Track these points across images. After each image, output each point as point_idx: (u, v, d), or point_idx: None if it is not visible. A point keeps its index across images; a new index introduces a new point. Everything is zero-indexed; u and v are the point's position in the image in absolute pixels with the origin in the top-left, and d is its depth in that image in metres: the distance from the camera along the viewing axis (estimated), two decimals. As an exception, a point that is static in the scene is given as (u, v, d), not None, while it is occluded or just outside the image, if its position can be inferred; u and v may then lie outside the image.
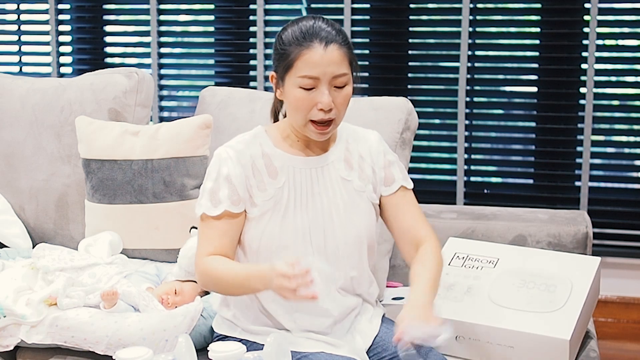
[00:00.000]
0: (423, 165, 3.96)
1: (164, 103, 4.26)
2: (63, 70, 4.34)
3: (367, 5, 3.96)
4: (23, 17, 4.36)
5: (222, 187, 1.86)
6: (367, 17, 3.99)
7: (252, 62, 4.09)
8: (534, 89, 3.84)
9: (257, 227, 1.87)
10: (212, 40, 4.25)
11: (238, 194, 1.86)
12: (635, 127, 3.74)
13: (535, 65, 3.81)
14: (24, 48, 4.40)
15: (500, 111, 3.94)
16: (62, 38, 4.31)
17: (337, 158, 1.94)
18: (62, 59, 4.33)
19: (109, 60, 4.28)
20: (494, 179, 3.95)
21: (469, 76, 3.80)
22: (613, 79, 3.77)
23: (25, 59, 4.40)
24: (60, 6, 4.27)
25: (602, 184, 3.82)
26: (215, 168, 1.89)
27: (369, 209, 1.93)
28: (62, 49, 4.32)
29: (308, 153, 1.92)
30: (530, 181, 3.87)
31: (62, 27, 4.32)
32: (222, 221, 1.86)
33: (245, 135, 1.94)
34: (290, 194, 1.88)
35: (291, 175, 1.89)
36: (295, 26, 1.85)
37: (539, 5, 3.77)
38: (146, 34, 4.20)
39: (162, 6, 4.16)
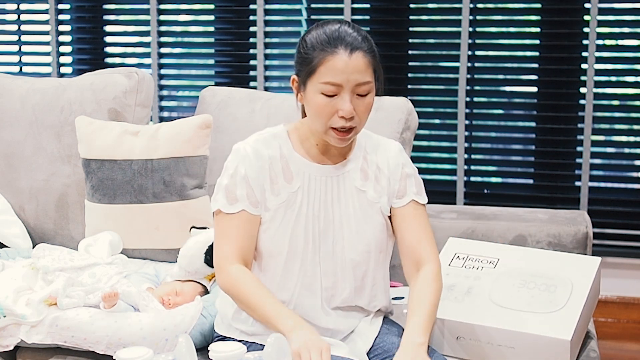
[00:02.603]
0: (423, 165, 3.95)
1: (164, 103, 4.26)
2: (63, 70, 4.34)
3: (367, 5, 3.96)
4: (23, 17, 4.36)
5: (239, 186, 1.85)
6: (367, 17, 3.99)
7: (252, 62, 4.09)
8: (534, 89, 3.84)
9: (268, 232, 1.86)
10: (212, 40, 4.25)
11: (255, 196, 1.85)
12: (635, 127, 3.74)
13: (535, 65, 3.81)
14: (24, 48, 4.40)
15: (500, 111, 3.94)
16: (62, 38, 4.31)
17: (354, 168, 1.91)
18: (62, 59, 4.33)
19: (109, 60, 4.28)
20: (494, 179, 3.95)
21: (469, 76, 3.80)
22: (613, 79, 3.77)
23: (25, 59, 4.40)
24: (60, 6, 4.27)
25: (602, 184, 3.82)
26: (233, 164, 1.87)
27: (380, 221, 1.91)
28: (62, 49, 4.32)
29: (325, 160, 1.90)
30: (530, 181, 3.87)
31: (62, 27, 4.32)
32: (240, 220, 1.84)
33: (266, 134, 1.91)
34: (303, 200, 1.86)
35: (306, 182, 1.87)
36: (320, 29, 1.81)
37: (539, 5, 3.77)
38: (146, 34, 4.20)
39: (162, 6, 4.16)
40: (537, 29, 3.82)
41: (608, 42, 3.72)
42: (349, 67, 1.76)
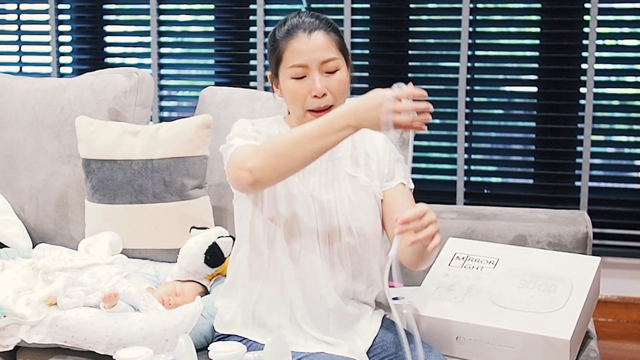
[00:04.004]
0: (423, 165, 3.96)
1: (164, 103, 4.26)
2: (63, 70, 4.34)
3: (367, 5, 3.96)
4: (23, 17, 4.36)
5: (252, 132, 1.86)
6: (367, 17, 3.99)
7: (252, 62, 4.09)
8: (534, 89, 3.84)
9: (276, 198, 1.87)
10: (212, 40, 4.25)
11: None
12: (635, 127, 3.74)
13: (535, 65, 3.81)
14: (24, 48, 4.40)
15: (500, 111, 3.94)
16: (62, 38, 4.32)
17: (344, 155, 1.95)
18: (62, 59, 4.33)
19: (109, 60, 4.28)
20: (494, 179, 3.95)
21: (469, 76, 3.80)
22: (613, 79, 3.77)
23: (25, 59, 4.40)
24: (60, 6, 4.27)
25: (602, 184, 3.82)
26: (239, 126, 1.89)
27: (373, 205, 1.94)
28: (62, 49, 4.32)
29: None
30: (530, 181, 3.87)
31: (62, 27, 4.32)
32: None
33: (264, 119, 1.98)
34: (299, 179, 1.89)
35: None
36: (282, 24, 1.90)
37: (539, 5, 3.77)
38: (146, 34, 4.20)
39: (162, 6, 4.16)
40: (537, 29, 3.82)
41: (608, 42, 3.72)
42: (310, 46, 1.83)
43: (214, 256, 2.29)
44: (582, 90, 3.70)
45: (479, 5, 3.80)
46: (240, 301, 1.94)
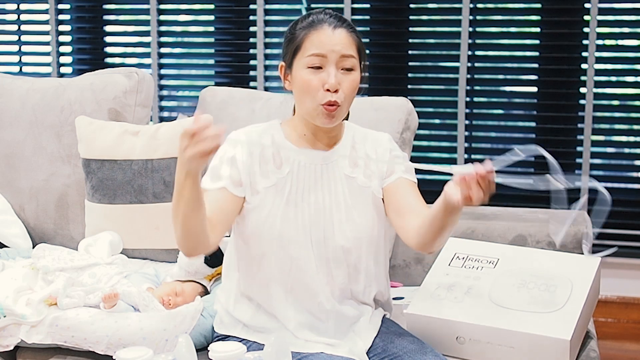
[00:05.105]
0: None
1: (164, 103, 4.26)
2: (63, 70, 4.34)
3: (367, 5, 3.96)
4: (23, 17, 4.36)
5: (224, 166, 1.87)
6: (367, 17, 3.99)
7: (252, 62, 4.09)
8: (534, 89, 3.84)
9: (259, 216, 1.87)
10: (212, 40, 4.25)
11: (240, 176, 1.86)
12: (635, 127, 3.74)
13: (535, 65, 3.81)
14: (24, 48, 4.40)
15: (500, 111, 3.94)
16: (62, 38, 4.32)
17: (342, 156, 1.94)
18: (62, 59, 4.33)
19: (109, 60, 4.28)
20: (494, 179, 3.94)
21: (469, 76, 3.80)
22: (613, 79, 3.77)
23: (25, 59, 4.40)
24: (60, 6, 4.27)
25: (602, 184, 3.81)
26: (223, 148, 1.90)
27: (372, 207, 1.93)
28: (62, 49, 4.32)
29: (316, 147, 1.92)
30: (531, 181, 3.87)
31: (62, 27, 4.32)
32: (218, 194, 1.84)
33: (260, 125, 1.96)
34: (292, 186, 1.88)
35: (295, 168, 1.89)
36: (306, 17, 1.88)
37: (539, 5, 3.77)
38: (146, 34, 4.20)
39: (162, 6, 4.16)
40: (537, 29, 3.82)
41: (608, 42, 3.72)
42: (333, 39, 1.82)
43: (214, 256, 2.29)
44: (582, 90, 3.70)
45: (479, 5, 3.80)
46: (238, 312, 1.94)
